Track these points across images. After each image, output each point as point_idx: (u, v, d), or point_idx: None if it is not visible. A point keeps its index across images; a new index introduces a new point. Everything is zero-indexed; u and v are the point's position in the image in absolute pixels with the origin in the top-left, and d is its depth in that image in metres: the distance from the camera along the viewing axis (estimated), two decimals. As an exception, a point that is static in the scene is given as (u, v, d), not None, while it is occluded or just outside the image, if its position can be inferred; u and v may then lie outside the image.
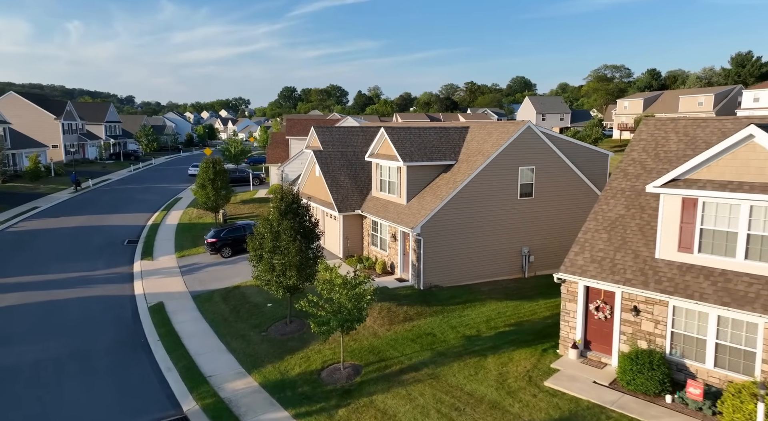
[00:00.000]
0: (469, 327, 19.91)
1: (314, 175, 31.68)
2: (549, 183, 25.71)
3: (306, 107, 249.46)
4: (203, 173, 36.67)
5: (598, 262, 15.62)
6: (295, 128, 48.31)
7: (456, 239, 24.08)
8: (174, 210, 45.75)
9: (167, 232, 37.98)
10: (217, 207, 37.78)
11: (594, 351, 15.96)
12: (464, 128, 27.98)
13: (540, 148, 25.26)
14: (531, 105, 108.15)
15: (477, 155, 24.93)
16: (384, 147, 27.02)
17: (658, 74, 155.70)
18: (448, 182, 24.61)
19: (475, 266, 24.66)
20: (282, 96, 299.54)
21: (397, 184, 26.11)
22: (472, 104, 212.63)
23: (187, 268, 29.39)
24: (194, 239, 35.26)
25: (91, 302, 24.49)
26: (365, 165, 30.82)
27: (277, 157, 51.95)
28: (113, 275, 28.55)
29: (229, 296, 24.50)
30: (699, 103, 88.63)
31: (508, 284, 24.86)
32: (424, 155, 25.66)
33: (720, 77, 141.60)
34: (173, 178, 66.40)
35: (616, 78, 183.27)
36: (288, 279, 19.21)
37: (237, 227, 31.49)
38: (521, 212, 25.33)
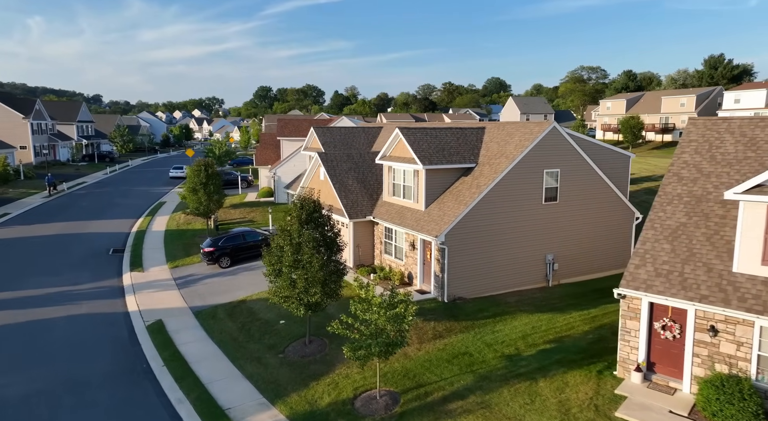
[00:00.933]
0: (506, 345, 18.38)
1: (318, 178, 29.77)
2: (573, 187, 24.42)
3: (282, 107, 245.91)
4: (195, 177, 34.36)
5: (664, 276, 14.24)
6: (287, 129, 46.19)
7: (481, 248, 22.56)
8: (159, 215, 43.13)
9: (155, 239, 35.50)
10: (209, 213, 35.50)
11: (660, 374, 14.58)
12: (480, 129, 26.49)
13: (565, 150, 23.94)
14: (515, 105, 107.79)
15: (500, 158, 23.46)
16: (399, 149, 25.33)
17: (634, 76, 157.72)
18: (470, 186, 23.07)
19: (499, 276, 23.19)
20: (257, 96, 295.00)
21: (414, 188, 24.44)
22: (450, 104, 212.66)
23: (183, 280, 27.15)
24: (186, 248, 32.94)
25: (81, 322, 22.15)
26: (373, 168, 29.08)
27: (266, 158, 49.71)
28: (101, 289, 26.14)
29: (235, 312, 22.46)
30: (681, 104, 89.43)
31: (533, 294, 23.44)
32: (443, 158, 24.06)
33: (694, 79, 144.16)
34: (154, 181, 63.34)
35: (592, 79, 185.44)
36: (311, 296, 17.35)
37: (235, 234, 29.37)
38: (546, 217, 23.96)
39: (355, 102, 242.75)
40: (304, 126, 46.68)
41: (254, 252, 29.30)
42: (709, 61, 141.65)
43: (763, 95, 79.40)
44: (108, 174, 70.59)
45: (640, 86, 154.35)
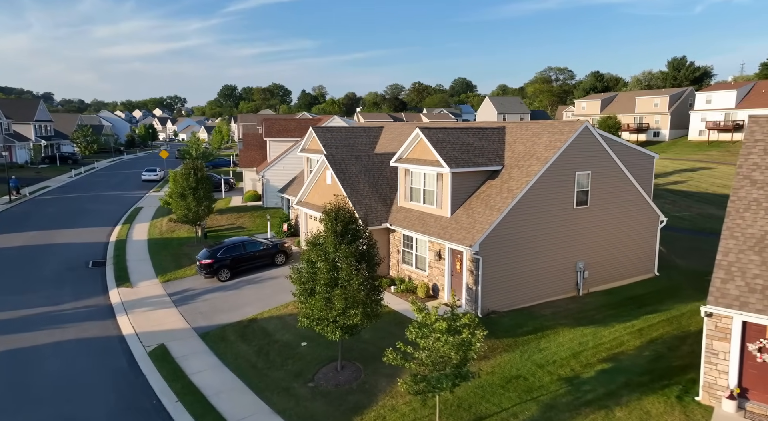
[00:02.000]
0: (559, 365, 16.82)
1: (323, 182, 27.67)
2: (604, 189, 23.18)
3: (249, 106, 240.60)
4: (183, 181, 31.69)
5: (760, 291, 12.93)
6: (275, 129, 43.72)
7: (514, 257, 21.01)
8: (138, 223, 40.01)
9: (138, 250, 32.60)
10: (198, 220, 32.85)
11: (756, 402, 13.25)
12: (500, 129, 24.95)
13: (596, 150, 22.66)
14: (491, 105, 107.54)
15: (529, 159, 21.95)
16: (419, 151, 23.52)
17: (601, 76, 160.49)
18: (500, 191, 21.48)
19: (531, 287, 21.70)
20: (222, 95, 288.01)
21: (437, 193, 22.69)
22: (419, 104, 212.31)
23: (179, 296, 24.60)
24: (176, 258, 30.24)
25: (70, 349, 19.47)
26: (383, 170, 27.19)
27: (251, 160, 47.07)
28: (88, 309, 23.37)
29: (247, 333, 20.19)
30: (655, 105, 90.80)
31: (566, 304, 22.04)
32: (469, 160, 22.40)
33: (658, 80, 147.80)
34: (125, 185, 59.52)
35: (560, 80, 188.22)
36: (350, 318, 15.35)
37: (234, 244, 26.92)
38: (577, 222, 22.62)
39: (324, 101, 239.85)
40: (292, 126, 44.35)
41: (255, 263, 26.99)
42: (673, 63, 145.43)
43: (734, 96, 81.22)
44: (73, 177, 66.10)
45: (607, 87, 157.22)
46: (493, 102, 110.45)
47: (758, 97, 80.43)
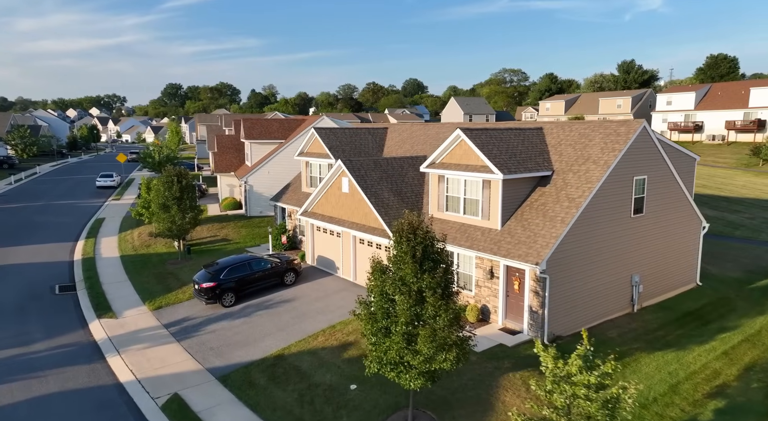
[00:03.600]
0: (663, 404, 14.57)
1: (337, 190, 24.53)
2: (657, 195, 21.34)
3: (196, 106, 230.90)
4: (165, 190, 27.67)
5: None
6: (256, 130, 39.86)
7: (577, 273, 18.72)
8: (104, 237, 35.24)
9: (112, 270, 28.24)
10: (183, 234, 28.86)
11: None
12: (538, 129, 22.67)
13: (651, 152, 20.76)
14: (458, 105, 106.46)
15: (584, 163, 19.73)
16: (458, 154, 20.84)
17: (555, 78, 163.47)
18: (557, 199, 19.13)
19: (591, 305, 19.49)
20: (166, 93, 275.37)
21: (482, 202, 20.09)
22: (375, 104, 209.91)
23: (178, 327, 20.84)
24: (160, 280, 26.20)
25: (55, 406, 15.56)
26: (404, 176, 24.40)
27: (227, 164, 42.94)
28: (67, 350, 19.27)
29: (277, 375, 16.86)
30: (618, 105, 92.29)
31: (626, 323, 19.96)
32: (519, 165, 19.93)
33: (610, 82, 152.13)
34: (78, 193, 53.54)
35: (514, 81, 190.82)
36: (439, 362, 12.46)
37: (238, 263, 23.29)
38: (633, 232, 20.63)
39: (275, 101, 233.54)
40: (274, 127, 40.67)
41: (263, 284, 23.52)
42: (623, 66, 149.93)
43: (692, 98, 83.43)
44: (13, 184, 59.18)
45: (561, 89, 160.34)
46: (459, 102, 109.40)
47: (714, 99, 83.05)
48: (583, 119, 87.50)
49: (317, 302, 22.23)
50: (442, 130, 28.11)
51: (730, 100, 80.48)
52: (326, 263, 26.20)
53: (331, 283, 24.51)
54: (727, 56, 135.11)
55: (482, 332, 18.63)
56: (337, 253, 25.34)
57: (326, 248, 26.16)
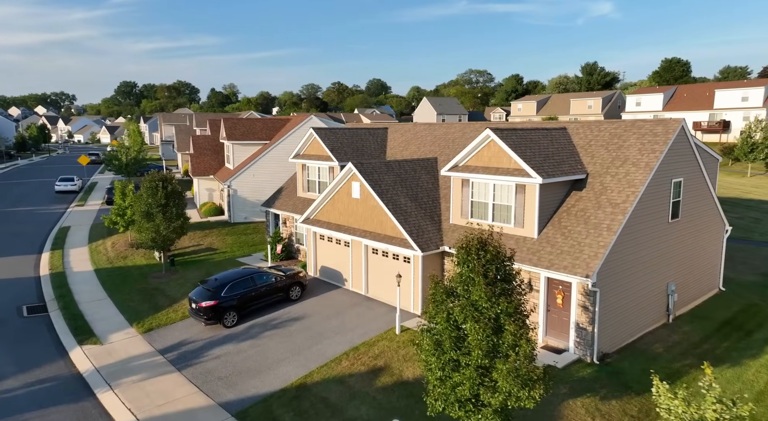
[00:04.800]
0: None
1: (346, 196, 22.51)
2: (691, 198, 20.34)
3: (152, 105, 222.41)
4: (148, 197, 24.97)
5: None
6: (238, 131, 37.19)
7: (623, 285, 17.40)
8: (72, 248, 31.95)
9: (88, 286, 25.29)
10: (169, 244, 26.18)
11: None
12: (562, 129, 21.30)
13: (687, 153, 19.73)
14: (430, 106, 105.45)
15: (622, 165, 18.44)
16: (487, 156, 19.19)
17: (521, 79, 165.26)
18: (598, 204, 17.74)
19: (633, 318, 18.21)
20: (120, 92, 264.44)
21: (515, 208, 18.52)
22: (340, 104, 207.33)
23: (176, 353, 18.36)
24: (146, 296, 23.51)
25: (45, 460, 12.98)
26: (418, 180, 22.66)
27: (205, 167, 40.06)
28: (47, 385, 16.57)
29: (304, 409, 14.75)
30: (589, 106, 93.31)
31: (666, 336, 18.77)
32: (555, 167, 18.46)
33: (574, 84, 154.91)
34: (35, 198, 49.21)
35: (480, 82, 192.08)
36: (522, 400, 10.71)
37: (240, 277, 20.89)
38: (670, 237, 19.51)
39: (237, 100, 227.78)
40: (258, 128, 38.13)
41: (267, 300, 21.26)
42: (586, 68, 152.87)
43: (661, 99, 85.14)
44: (-40, 189, 54.16)
45: (527, 90, 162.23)
46: (431, 102, 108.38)
47: (681, 100, 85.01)
48: (557, 119, 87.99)
49: (331, 320, 20.16)
50: (449, 130, 26.48)
51: (696, 102, 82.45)
52: (332, 274, 24.13)
53: (340, 297, 22.46)
54: (680, 60, 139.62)
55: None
56: (344, 264, 23.31)
57: (332, 258, 24.08)
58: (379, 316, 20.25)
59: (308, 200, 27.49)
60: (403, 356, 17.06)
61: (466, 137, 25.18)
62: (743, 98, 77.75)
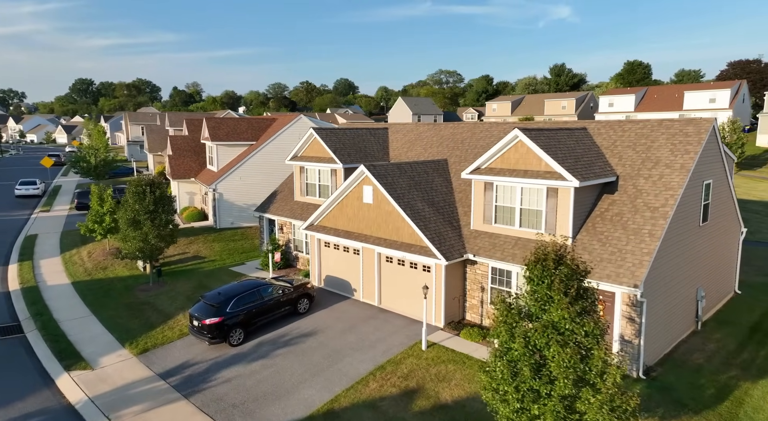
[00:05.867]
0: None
1: (357, 201, 21.02)
2: (717, 200, 19.78)
3: (111, 103, 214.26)
4: (135, 203, 22.85)
5: None
6: (222, 131, 35.07)
7: (664, 293, 16.56)
8: (43, 258, 29.29)
9: (67, 301, 22.96)
10: (156, 255, 24.09)
11: None
12: (582, 129, 20.41)
13: (716, 154, 19.13)
14: (406, 106, 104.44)
15: (655, 167, 17.61)
16: (513, 158, 18.06)
17: (491, 80, 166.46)
18: (635, 208, 16.85)
19: (670, 327, 17.41)
20: (76, 89, 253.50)
21: (546, 213, 17.44)
22: (309, 104, 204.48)
23: (180, 377, 16.49)
24: (135, 312, 21.43)
25: None
26: (431, 183, 21.42)
27: (185, 169, 37.73)
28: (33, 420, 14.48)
29: (339, 441, 13.24)
30: (563, 107, 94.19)
31: (701, 344, 18.01)
32: (587, 169, 17.48)
33: (543, 85, 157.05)
34: (-7, 203, 45.63)
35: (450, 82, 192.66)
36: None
37: (246, 290, 19.05)
38: (701, 241, 18.86)
39: (201, 99, 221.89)
40: (242, 128, 36.12)
41: (275, 315, 19.58)
42: (554, 69, 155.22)
43: (632, 100, 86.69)
44: None
45: (497, 90, 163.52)
46: (407, 102, 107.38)
47: (652, 101, 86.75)
48: (533, 120, 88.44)
49: (347, 335, 18.65)
50: (457, 131, 25.31)
51: (666, 103, 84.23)
52: (339, 284, 22.59)
53: (351, 309, 20.96)
54: (641, 63, 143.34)
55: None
56: (354, 273, 21.83)
57: (339, 267, 22.55)
58: (399, 330, 18.86)
59: (307, 205, 25.86)
60: (435, 375, 15.74)
61: (475, 138, 24.08)
62: (711, 100, 79.85)
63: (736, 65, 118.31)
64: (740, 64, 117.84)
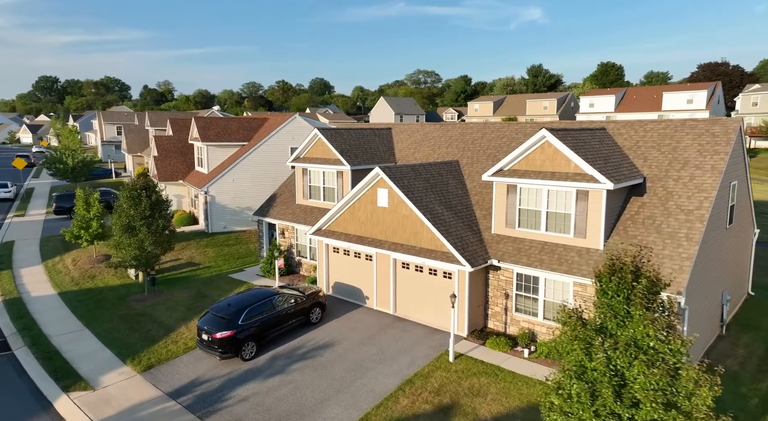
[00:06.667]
0: None
1: (371, 204, 20.02)
2: (739, 202, 19.47)
3: (78, 102, 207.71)
4: (130, 208, 21.40)
5: None
6: (212, 131, 33.55)
7: (699, 298, 16.06)
8: (23, 267, 27.39)
9: (56, 314, 21.34)
10: (152, 264, 22.65)
11: None
12: (601, 129, 19.85)
13: (740, 154, 18.79)
14: (388, 105, 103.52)
15: (684, 168, 17.12)
16: (540, 159, 17.33)
17: (469, 80, 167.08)
18: (666, 211, 16.32)
19: (702, 334, 16.92)
20: (39, 87, 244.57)
21: (576, 216, 16.78)
22: (285, 103, 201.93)
23: (191, 396, 15.23)
24: (132, 324, 20.00)
25: None
26: (446, 185, 20.60)
27: (172, 171, 36.06)
28: (36, 451, 13.09)
29: (378, 466, 12.26)
30: (544, 107, 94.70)
31: (729, 350, 17.61)
32: (616, 171, 16.87)
33: (521, 85, 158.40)
34: (-38, 207, 42.95)
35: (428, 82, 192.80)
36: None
37: (257, 300, 17.78)
38: (727, 244, 18.49)
39: (173, 98, 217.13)
40: (233, 128, 34.69)
41: (287, 327, 18.44)
42: (531, 70, 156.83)
43: (613, 100, 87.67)
44: None
45: (476, 90, 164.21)
46: (389, 102, 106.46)
47: (631, 102, 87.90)
48: (516, 119, 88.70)
49: (366, 346, 17.64)
50: (466, 131, 24.55)
51: (645, 103, 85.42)
52: (349, 291, 21.57)
53: (365, 317, 19.95)
54: (615, 64, 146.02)
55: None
56: (366, 279, 20.83)
57: (349, 273, 21.52)
58: (420, 340, 17.95)
59: (311, 208, 24.73)
60: (468, 389, 14.88)
61: (486, 138, 23.35)
62: (688, 100, 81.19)
63: (706, 67, 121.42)
64: (710, 67, 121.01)
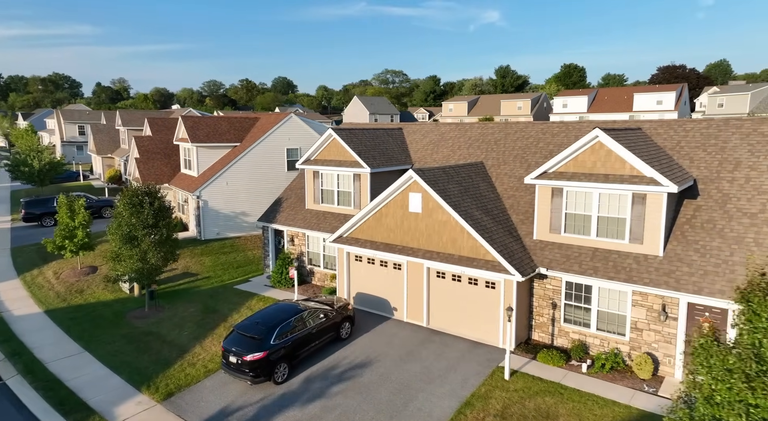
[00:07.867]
0: None
1: (401, 209, 18.62)
2: None
3: (24, 99, 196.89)
4: (130, 216, 19.31)
5: None
6: (202, 131, 31.31)
7: (761, 305, 15.39)
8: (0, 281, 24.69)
9: (46, 334, 19.02)
10: (154, 277, 20.57)
11: None
12: (637, 129, 19.10)
13: None
14: (362, 105, 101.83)
15: (737, 169, 16.44)
16: (589, 161, 16.34)
17: (438, 80, 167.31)
18: (727, 215, 15.59)
19: (756, 339, 16.35)
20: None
21: (632, 221, 15.87)
22: (250, 102, 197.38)
23: (226, 431, 13.50)
24: (139, 345, 17.96)
25: None
26: (478, 188, 19.45)
27: (157, 174, 33.59)
28: None
29: None
30: (518, 107, 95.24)
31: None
32: (671, 172, 16.08)
33: (488, 86, 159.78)
34: None
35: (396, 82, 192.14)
36: None
37: (287, 317, 16.08)
38: None
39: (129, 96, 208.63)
40: (224, 128, 32.57)
41: (317, 344, 16.84)
42: (499, 71, 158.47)
43: (585, 101, 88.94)
44: None
45: (444, 91, 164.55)
46: (363, 101, 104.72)
47: (602, 103, 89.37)
48: (492, 119, 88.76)
49: (408, 364, 16.25)
50: (486, 131, 23.48)
51: (617, 104, 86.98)
52: (374, 302, 20.10)
53: (397, 331, 18.54)
54: (577, 66, 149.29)
55: (669, 393, 14.40)
56: (393, 289, 19.43)
57: (373, 283, 20.06)
58: (464, 355, 16.69)
59: (323, 213, 23.13)
60: (535, 410, 13.71)
61: (510, 139, 22.34)
62: (658, 102, 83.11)
63: (665, 70, 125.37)
64: (668, 69, 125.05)
